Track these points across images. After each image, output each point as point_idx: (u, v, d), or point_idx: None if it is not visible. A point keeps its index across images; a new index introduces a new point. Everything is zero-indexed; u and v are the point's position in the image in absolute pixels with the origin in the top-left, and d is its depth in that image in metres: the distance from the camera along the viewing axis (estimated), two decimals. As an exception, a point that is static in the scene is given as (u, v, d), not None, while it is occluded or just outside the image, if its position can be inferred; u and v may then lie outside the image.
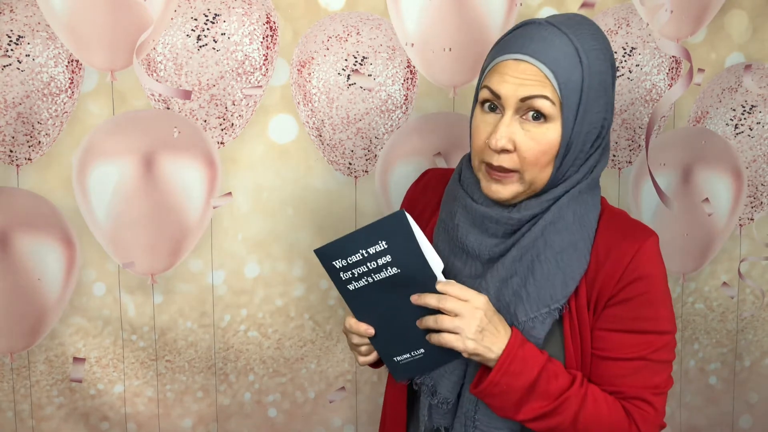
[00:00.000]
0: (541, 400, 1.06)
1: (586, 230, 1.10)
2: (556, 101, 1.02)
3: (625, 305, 1.09)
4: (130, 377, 1.60)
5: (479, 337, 1.03)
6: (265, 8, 1.51)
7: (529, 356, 1.06)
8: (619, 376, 1.10)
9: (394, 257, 1.04)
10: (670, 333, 1.12)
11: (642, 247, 1.08)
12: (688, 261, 1.76)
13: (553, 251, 1.08)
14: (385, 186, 1.62)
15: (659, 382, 1.12)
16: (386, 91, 1.58)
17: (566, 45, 1.02)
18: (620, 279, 1.08)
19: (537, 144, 1.04)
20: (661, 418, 1.13)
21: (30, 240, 1.51)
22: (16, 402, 1.57)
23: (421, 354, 1.10)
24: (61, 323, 1.55)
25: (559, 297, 1.08)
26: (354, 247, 1.05)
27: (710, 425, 1.83)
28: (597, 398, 1.09)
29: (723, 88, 1.70)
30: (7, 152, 1.48)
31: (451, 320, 1.03)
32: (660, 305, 1.10)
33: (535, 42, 1.03)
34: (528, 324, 1.09)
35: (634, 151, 1.69)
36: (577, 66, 1.02)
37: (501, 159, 1.05)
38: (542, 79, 1.02)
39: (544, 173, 1.07)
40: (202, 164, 1.54)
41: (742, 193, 1.75)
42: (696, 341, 1.80)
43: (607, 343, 1.10)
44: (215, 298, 1.60)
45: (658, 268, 1.11)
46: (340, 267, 1.07)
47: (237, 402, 1.64)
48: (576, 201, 1.09)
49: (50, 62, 1.46)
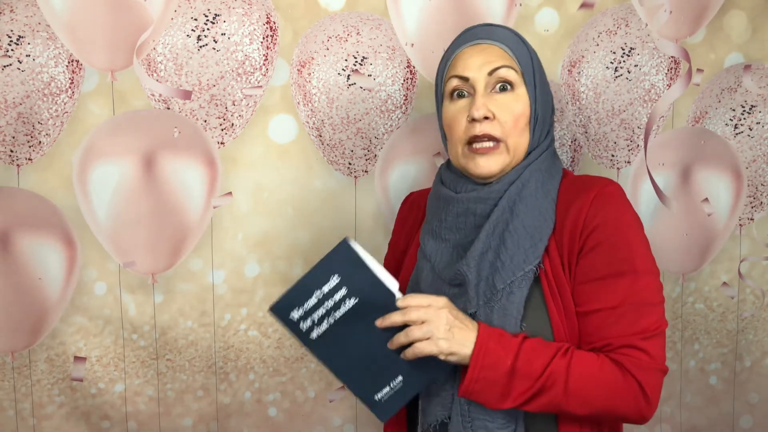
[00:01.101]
0: (526, 381, 1.06)
1: (549, 195, 1.16)
2: (518, 70, 1.15)
3: (594, 253, 1.10)
4: (130, 376, 1.60)
5: (449, 335, 1.06)
6: (265, 8, 1.52)
7: (501, 344, 1.07)
8: (602, 328, 1.10)
9: (350, 288, 1.06)
10: (649, 273, 1.11)
11: (598, 194, 1.11)
12: (688, 261, 1.76)
13: (519, 220, 1.13)
14: (385, 186, 1.63)
15: (647, 325, 1.09)
16: (386, 91, 1.58)
17: (508, 32, 1.19)
18: (582, 229, 1.11)
19: (511, 111, 1.15)
20: (660, 362, 1.10)
21: (31, 240, 1.51)
22: (18, 401, 1.57)
23: (401, 382, 1.11)
24: (62, 322, 1.55)
25: (530, 259, 1.12)
26: (307, 291, 1.06)
27: (710, 425, 1.83)
28: (583, 361, 1.08)
29: (722, 88, 1.70)
30: (8, 152, 1.49)
31: (420, 328, 1.06)
32: (632, 244, 1.10)
33: (484, 31, 1.18)
34: (506, 290, 1.12)
35: (632, 150, 1.69)
36: (522, 45, 1.17)
37: (484, 127, 1.14)
38: (501, 53, 1.15)
39: (523, 138, 1.16)
40: (203, 164, 1.55)
41: (742, 193, 1.75)
42: (696, 341, 1.80)
43: (586, 297, 1.11)
44: (215, 298, 1.60)
45: (619, 211, 1.12)
46: (299, 317, 1.08)
47: (237, 401, 1.65)
48: (538, 171, 1.16)
49: (50, 62, 1.46)
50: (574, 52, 1.63)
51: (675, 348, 1.78)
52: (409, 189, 1.61)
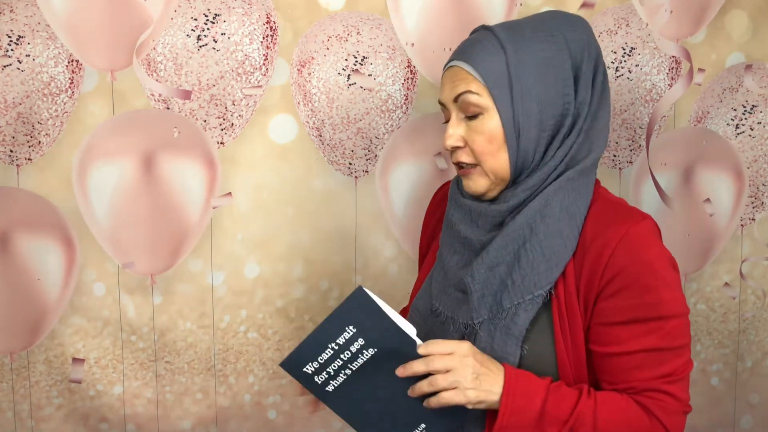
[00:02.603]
0: (555, 425, 1.04)
1: (574, 219, 1.09)
2: (484, 92, 1.08)
3: (617, 297, 1.05)
4: (129, 378, 1.59)
5: (477, 384, 1.03)
6: (265, 8, 1.51)
7: (529, 386, 1.04)
8: (625, 371, 1.06)
9: (367, 338, 1.01)
10: (676, 317, 1.06)
11: (627, 233, 1.05)
12: (690, 261, 1.75)
13: (538, 239, 1.08)
14: (386, 186, 1.62)
15: (672, 370, 1.06)
16: (386, 91, 1.58)
17: (488, 39, 1.10)
18: (605, 270, 1.05)
19: (480, 134, 1.09)
20: (684, 404, 1.07)
21: (30, 240, 1.51)
22: (16, 402, 1.56)
23: (424, 430, 1.07)
24: (61, 323, 1.55)
25: (543, 283, 1.08)
26: (321, 345, 1.01)
27: (711, 426, 1.82)
28: (608, 402, 1.06)
29: (724, 88, 1.70)
30: (8, 152, 1.48)
31: (445, 377, 1.02)
32: (659, 289, 1.04)
33: (464, 47, 1.12)
34: (511, 311, 1.09)
35: (634, 151, 1.69)
36: (498, 53, 1.08)
37: (457, 155, 1.13)
38: (465, 76, 1.09)
39: (499, 160, 1.10)
40: (202, 164, 1.54)
41: (744, 194, 1.75)
42: (698, 342, 1.79)
43: (607, 338, 1.07)
44: (215, 299, 1.59)
45: (650, 253, 1.05)
46: (313, 371, 1.03)
47: (236, 404, 1.64)
48: (564, 189, 1.09)
49: (50, 62, 1.46)
50: (575, 52, 1.63)
51: (676, 349, 1.78)
52: (409, 189, 1.61)
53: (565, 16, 1.13)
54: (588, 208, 1.11)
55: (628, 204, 1.14)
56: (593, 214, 1.10)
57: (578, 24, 1.12)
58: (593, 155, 1.12)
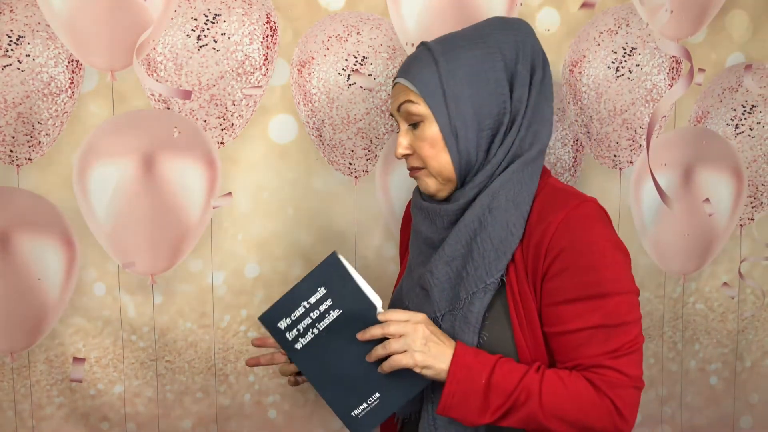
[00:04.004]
0: (501, 397, 1.08)
1: (519, 209, 1.15)
2: (420, 101, 1.17)
3: (560, 277, 1.10)
4: (129, 377, 1.60)
5: (426, 348, 1.10)
6: (265, 8, 1.51)
7: (477, 359, 1.10)
8: (573, 348, 1.11)
9: (335, 299, 1.11)
10: (618, 294, 1.10)
11: (567, 215, 1.10)
12: (689, 261, 1.76)
13: (487, 232, 1.15)
14: (386, 186, 1.62)
15: (617, 347, 1.09)
16: (386, 90, 1.58)
17: (422, 53, 1.20)
18: (546, 252, 1.10)
19: (422, 140, 1.19)
20: (634, 379, 1.10)
21: (30, 240, 1.51)
22: (17, 402, 1.56)
23: (378, 399, 1.14)
24: (61, 323, 1.55)
25: (493, 272, 1.14)
26: (296, 302, 1.12)
27: (711, 426, 1.83)
28: (555, 377, 1.09)
29: (723, 88, 1.70)
30: (8, 152, 1.48)
31: (397, 341, 1.10)
32: (599, 268, 1.09)
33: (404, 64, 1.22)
34: (467, 300, 1.15)
35: (635, 151, 1.69)
36: (430, 66, 1.17)
37: (409, 161, 1.23)
38: (404, 89, 1.19)
39: (441, 160, 1.18)
40: (202, 164, 1.54)
41: (743, 193, 1.75)
42: (697, 341, 1.80)
43: (554, 318, 1.11)
44: (215, 299, 1.60)
45: (590, 235, 1.10)
46: (285, 327, 1.13)
47: (237, 403, 1.64)
48: (510, 182, 1.16)
49: (50, 62, 1.46)
50: (576, 52, 1.63)
51: (676, 348, 1.78)
52: (409, 189, 1.61)
53: (501, 21, 1.21)
54: (534, 197, 1.17)
55: (575, 190, 1.19)
56: (539, 201, 1.16)
57: (513, 27, 1.19)
58: (537, 146, 1.18)
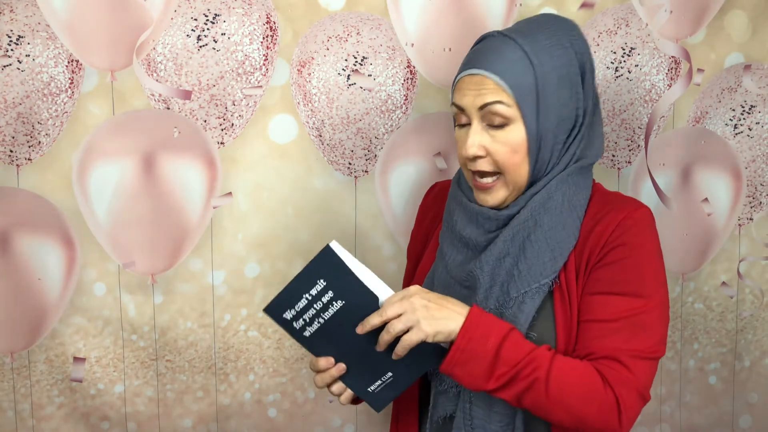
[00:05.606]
0: (508, 365, 1.06)
1: (575, 210, 1.14)
2: (512, 104, 1.10)
3: (608, 268, 1.10)
4: (130, 377, 1.60)
5: (429, 315, 1.06)
6: (265, 8, 1.51)
7: (491, 323, 1.07)
8: (593, 338, 1.10)
9: (336, 291, 1.09)
10: (654, 300, 1.10)
11: (628, 215, 1.11)
12: (688, 261, 1.76)
13: (542, 231, 1.12)
14: (385, 186, 1.62)
15: (642, 348, 1.08)
16: (386, 91, 1.58)
17: (514, 51, 1.10)
18: (605, 245, 1.10)
19: (504, 145, 1.12)
20: (641, 386, 1.09)
21: (30, 240, 1.51)
22: (17, 401, 1.57)
23: (391, 377, 1.14)
24: (62, 323, 1.55)
25: (548, 272, 1.12)
26: (298, 294, 1.10)
27: (710, 425, 1.83)
28: (567, 360, 1.08)
29: (722, 88, 1.70)
30: (7, 152, 1.48)
31: (399, 320, 1.06)
32: (645, 270, 1.10)
33: (487, 54, 1.12)
34: (518, 299, 1.12)
35: (633, 151, 1.69)
36: (527, 68, 1.10)
37: (478, 164, 1.14)
38: (494, 87, 1.10)
39: (521, 170, 1.13)
40: (202, 164, 1.55)
41: (742, 193, 1.76)
42: (695, 341, 1.80)
43: (590, 306, 1.11)
44: (215, 298, 1.60)
45: (644, 237, 1.11)
46: (292, 317, 1.12)
47: (237, 402, 1.65)
48: (565, 183, 1.14)
49: (50, 62, 1.46)
50: (575, 52, 1.63)
51: (675, 348, 1.79)
52: (409, 189, 1.62)
53: (566, 23, 1.17)
54: (588, 201, 1.16)
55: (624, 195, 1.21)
56: (593, 205, 1.16)
57: (576, 30, 1.17)
58: (591, 156, 1.17)
